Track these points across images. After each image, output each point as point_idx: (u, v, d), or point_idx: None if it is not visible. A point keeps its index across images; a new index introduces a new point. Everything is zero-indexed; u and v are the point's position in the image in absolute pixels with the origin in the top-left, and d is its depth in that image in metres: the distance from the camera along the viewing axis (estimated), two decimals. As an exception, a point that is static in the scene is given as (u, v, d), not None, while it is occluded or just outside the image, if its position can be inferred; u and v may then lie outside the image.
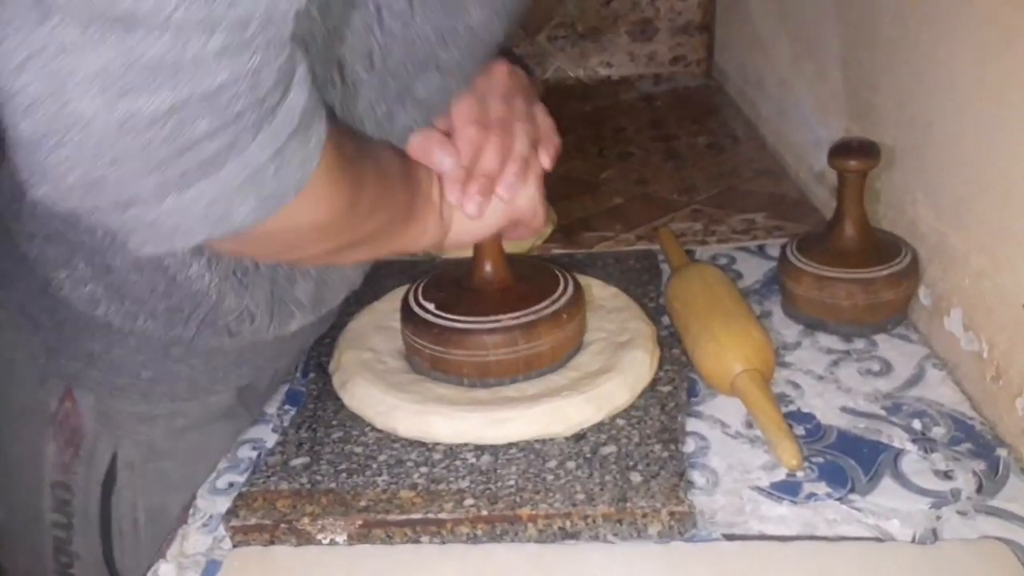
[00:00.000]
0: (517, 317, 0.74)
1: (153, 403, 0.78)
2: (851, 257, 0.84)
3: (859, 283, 0.83)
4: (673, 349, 0.81)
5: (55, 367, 0.76)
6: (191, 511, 0.70)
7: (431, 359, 0.76)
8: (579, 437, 0.70)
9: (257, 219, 0.50)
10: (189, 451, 0.79)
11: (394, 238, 0.67)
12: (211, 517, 0.69)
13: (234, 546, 0.66)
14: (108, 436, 0.78)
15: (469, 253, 0.78)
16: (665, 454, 0.68)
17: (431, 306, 0.76)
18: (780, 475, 0.68)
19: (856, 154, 0.84)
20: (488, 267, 0.77)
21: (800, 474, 0.68)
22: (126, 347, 0.74)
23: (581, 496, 0.64)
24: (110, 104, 0.41)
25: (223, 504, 0.69)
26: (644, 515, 0.63)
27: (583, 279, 0.89)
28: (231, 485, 0.71)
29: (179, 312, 0.71)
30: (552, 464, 0.68)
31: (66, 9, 0.40)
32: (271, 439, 0.75)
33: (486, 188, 0.68)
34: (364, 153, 0.60)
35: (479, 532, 0.64)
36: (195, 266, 0.69)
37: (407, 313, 0.77)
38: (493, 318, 0.74)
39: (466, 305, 0.76)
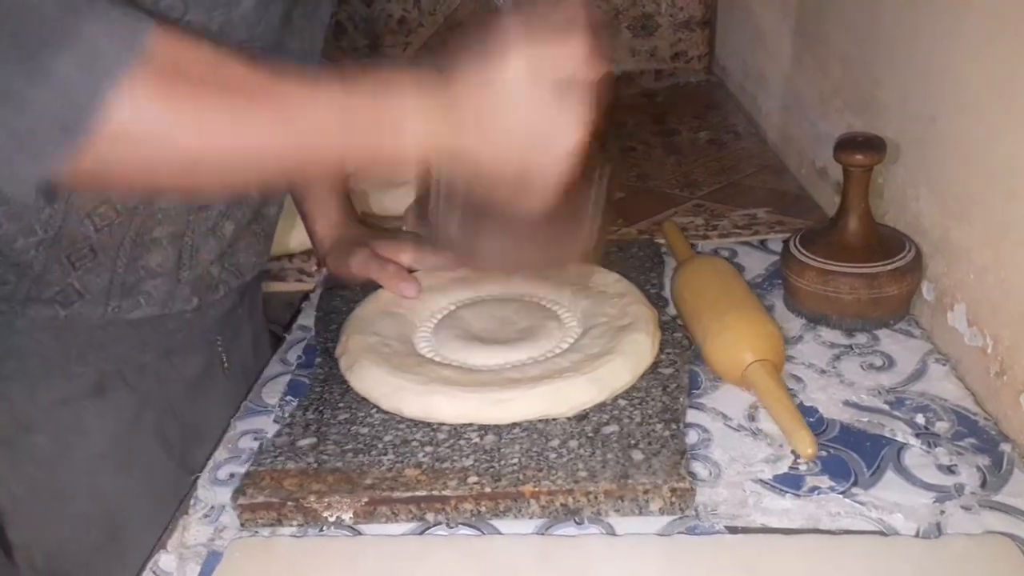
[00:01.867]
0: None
1: (5, 379, 0.77)
2: (855, 252, 0.85)
3: (862, 277, 0.83)
4: (675, 333, 0.82)
5: None
6: (192, 501, 0.70)
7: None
8: (581, 417, 0.71)
9: (60, 152, 0.50)
10: (61, 425, 0.79)
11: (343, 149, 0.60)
12: (212, 508, 0.69)
13: (242, 524, 0.66)
14: None
15: None
16: (667, 433, 0.68)
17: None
18: (783, 468, 0.68)
19: (862, 149, 0.84)
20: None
21: (804, 467, 0.68)
22: None
23: (583, 473, 0.65)
24: None
25: (224, 495, 0.69)
26: (646, 491, 0.63)
27: (584, 266, 0.89)
28: (232, 476, 0.72)
29: (4, 284, 0.72)
30: (555, 443, 0.68)
31: None
32: (272, 429, 0.76)
33: None
34: (251, 76, 0.56)
35: (483, 509, 0.64)
36: (21, 241, 0.69)
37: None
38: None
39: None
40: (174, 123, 0.53)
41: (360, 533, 0.65)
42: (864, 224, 0.86)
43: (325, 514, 0.65)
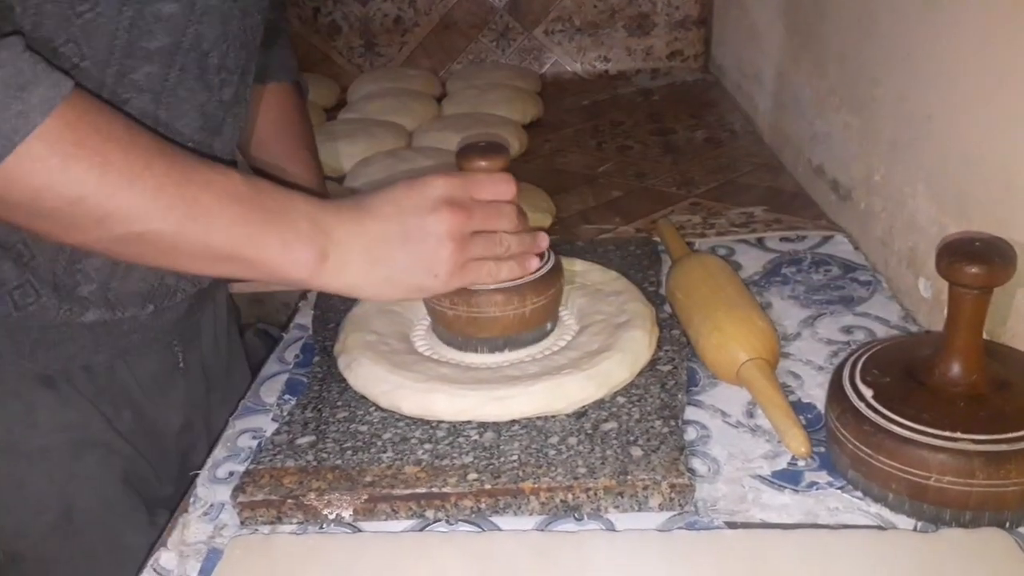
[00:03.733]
0: (980, 442, 0.60)
1: None
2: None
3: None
4: (673, 330, 0.82)
5: None
6: (192, 499, 0.70)
7: (853, 456, 0.65)
8: (580, 414, 0.71)
9: None
10: (12, 417, 0.79)
11: (227, 250, 0.65)
12: (211, 506, 0.69)
13: (242, 522, 0.66)
14: None
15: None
16: (665, 430, 0.69)
17: (868, 393, 0.66)
18: (781, 464, 0.68)
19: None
20: (957, 363, 0.65)
21: (802, 463, 0.68)
22: None
23: (583, 470, 0.65)
24: None
25: (223, 493, 0.69)
26: (645, 487, 0.64)
27: (584, 264, 0.90)
28: (231, 474, 0.72)
29: None
30: (554, 440, 0.69)
31: None
32: (271, 428, 0.76)
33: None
34: (154, 150, 0.61)
35: (483, 505, 0.65)
36: None
37: (836, 390, 0.67)
38: (948, 434, 0.61)
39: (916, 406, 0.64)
40: (68, 175, 0.57)
41: (360, 530, 0.65)
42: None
43: (325, 511, 0.65)
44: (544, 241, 0.77)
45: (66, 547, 0.82)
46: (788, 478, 0.67)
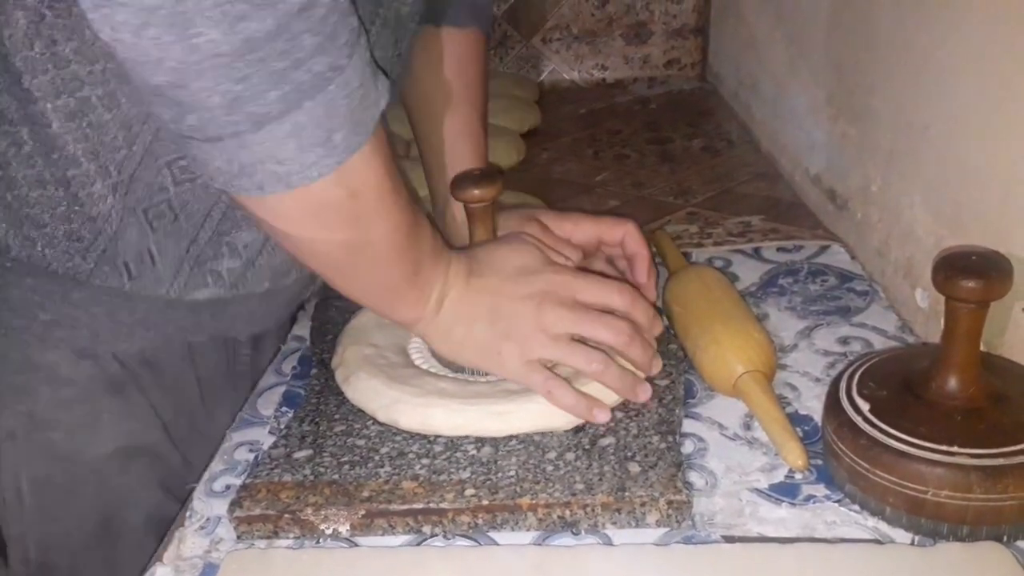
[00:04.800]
0: (977, 456, 0.60)
1: (49, 349, 0.77)
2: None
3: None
4: (670, 344, 0.82)
5: None
6: (188, 513, 0.70)
7: (850, 470, 0.64)
8: (578, 429, 0.71)
9: (347, 147, 0.58)
10: (76, 422, 0.79)
11: (382, 276, 0.69)
12: (208, 520, 0.69)
13: (238, 537, 0.66)
14: None
15: None
16: (663, 445, 0.68)
17: (865, 406, 0.65)
18: (779, 477, 0.68)
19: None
20: (953, 376, 0.64)
21: (799, 476, 0.68)
22: (22, 286, 0.73)
23: (580, 486, 0.65)
24: (231, 28, 0.50)
25: (220, 507, 0.69)
26: (642, 504, 0.63)
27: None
28: (228, 488, 0.71)
29: (78, 241, 0.71)
30: (552, 455, 0.69)
31: None
32: (268, 441, 0.76)
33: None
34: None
35: (480, 521, 0.64)
36: (98, 184, 0.69)
37: (833, 403, 0.67)
38: (945, 448, 0.61)
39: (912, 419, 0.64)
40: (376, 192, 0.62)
41: (357, 545, 0.65)
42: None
43: (322, 526, 0.65)
44: (645, 394, 0.73)
45: (98, 557, 0.82)
46: (785, 491, 0.67)
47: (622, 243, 0.85)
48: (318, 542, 0.66)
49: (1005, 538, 0.61)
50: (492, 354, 0.72)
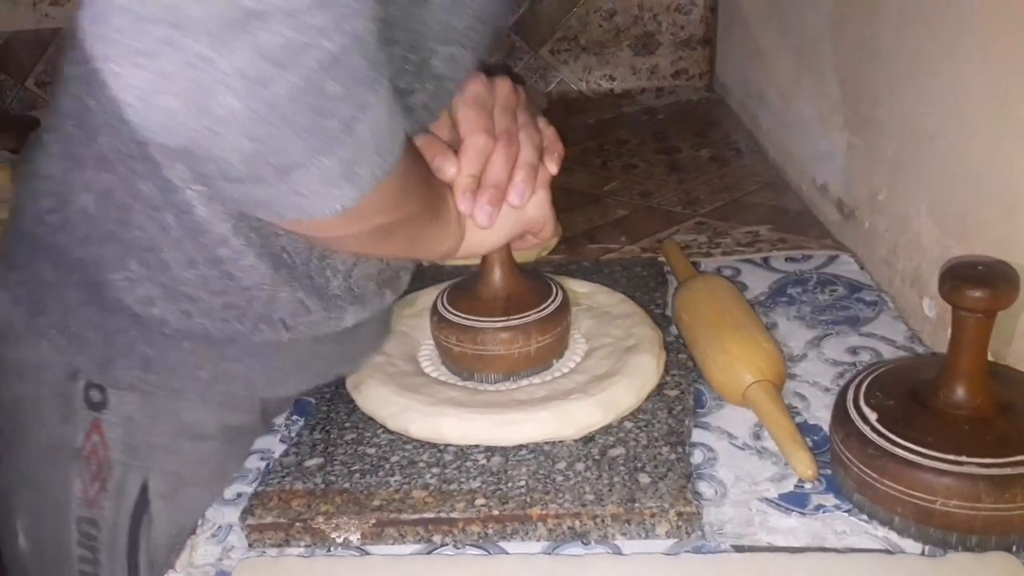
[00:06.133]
0: (986, 466, 0.60)
1: (209, 405, 0.77)
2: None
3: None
4: (680, 354, 0.82)
5: (95, 383, 0.75)
6: (200, 522, 0.71)
7: (858, 480, 0.65)
8: (588, 439, 0.72)
9: (373, 178, 0.56)
10: (211, 475, 0.79)
11: (419, 235, 0.69)
12: (219, 528, 0.70)
13: (250, 545, 0.67)
14: (136, 468, 0.77)
15: (476, 262, 0.80)
16: (673, 456, 0.69)
17: (873, 416, 0.66)
18: (788, 486, 0.68)
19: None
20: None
21: (808, 485, 0.68)
22: (180, 350, 0.73)
23: (590, 496, 0.65)
24: (253, 94, 0.47)
25: (232, 515, 0.69)
26: (652, 515, 0.64)
27: (589, 285, 0.90)
28: (239, 495, 0.72)
29: (233, 308, 0.71)
30: (561, 465, 0.69)
31: (194, 27, 0.44)
32: (279, 449, 0.76)
33: (496, 197, 0.70)
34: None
35: (490, 531, 0.65)
36: (249, 257, 0.68)
37: (841, 413, 0.68)
38: (953, 458, 0.61)
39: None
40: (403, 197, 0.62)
41: (367, 554, 0.66)
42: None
43: (333, 535, 0.66)
44: (480, 215, 0.72)
45: None
46: (795, 501, 0.67)
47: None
48: (329, 550, 0.66)
49: (1014, 548, 0.61)
50: None
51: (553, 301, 0.79)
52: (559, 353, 0.81)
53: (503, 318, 0.77)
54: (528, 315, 0.77)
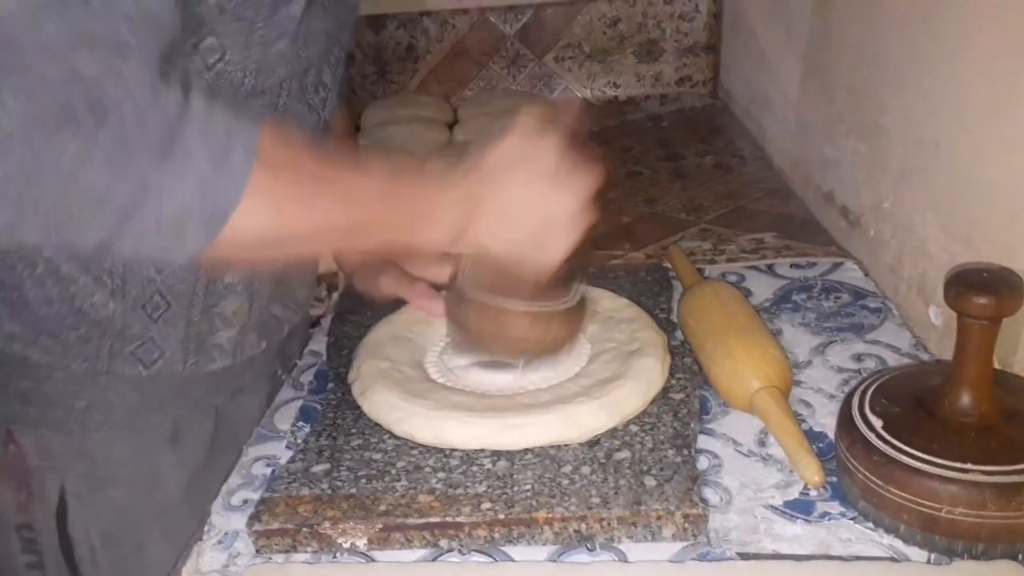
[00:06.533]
0: (989, 473, 0.59)
1: (91, 431, 0.79)
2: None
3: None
4: (685, 358, 0.82)
5: None
6: (206, 528, 0.71)
7: (863, 487, 0.64)
8: (593, 443, 0.72)
9: (214, 225, 0.55)
10: (134, 478, 0.82)
11: (386, 232, 0.68)
12: (226, 534, 0.70)
13: (257, 551, 0.67)
14: (52, 471, 0.80)
15: None
16: (678, 459, 0.69)
17: (878, 423, 0.65)
18: (794, 494, 0.68)
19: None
20: (966, 393, 0.64)
21: (814, 493, 0.68)
22: (54, 380, 0.77)
23: (596, 500, 0.65)
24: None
25: (238, 521, 0.69)
26: (658, 518, 0.64)
27: (595, 290, 0.90)
28: (245, 502, 0.72)
29: (88, 342, 0.75)
30: (567, 469, 0.69)
31: None
32: (285, 455, 0.76)
33: None
34: (328, 169, 0.63)
35: (496, 535, 0.65)
36: (98, 295, 0.73)
37: (846, 420, 0.66)
38: (958, 465, 0.60)
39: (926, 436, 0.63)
40: (281, 216, 0.59)
41: (374, 559, 0.66)
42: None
43: (339, 540, 0.66)
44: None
45: None
46: (800, 508, 0.67)
47: None
48: (335, 556, 0.66)
49: (1020, 556, 0.61)
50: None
51: (574, 296, 0.78)
52: (570, 347, 0.81)
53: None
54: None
